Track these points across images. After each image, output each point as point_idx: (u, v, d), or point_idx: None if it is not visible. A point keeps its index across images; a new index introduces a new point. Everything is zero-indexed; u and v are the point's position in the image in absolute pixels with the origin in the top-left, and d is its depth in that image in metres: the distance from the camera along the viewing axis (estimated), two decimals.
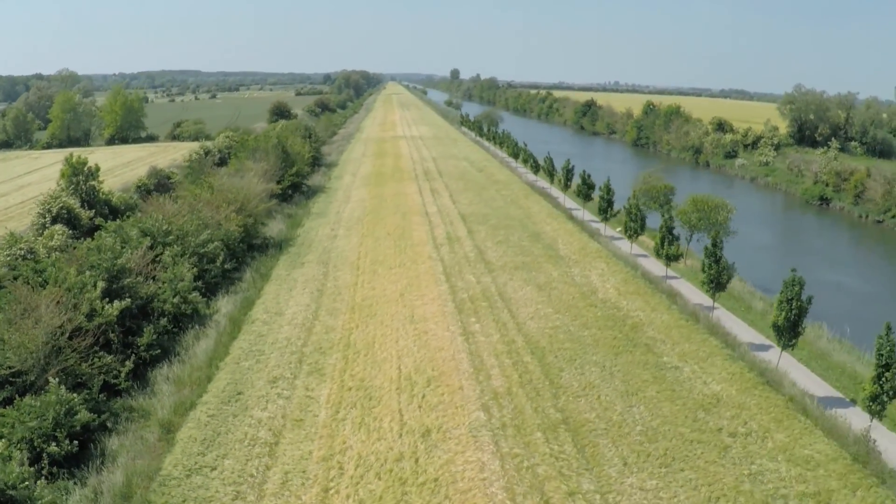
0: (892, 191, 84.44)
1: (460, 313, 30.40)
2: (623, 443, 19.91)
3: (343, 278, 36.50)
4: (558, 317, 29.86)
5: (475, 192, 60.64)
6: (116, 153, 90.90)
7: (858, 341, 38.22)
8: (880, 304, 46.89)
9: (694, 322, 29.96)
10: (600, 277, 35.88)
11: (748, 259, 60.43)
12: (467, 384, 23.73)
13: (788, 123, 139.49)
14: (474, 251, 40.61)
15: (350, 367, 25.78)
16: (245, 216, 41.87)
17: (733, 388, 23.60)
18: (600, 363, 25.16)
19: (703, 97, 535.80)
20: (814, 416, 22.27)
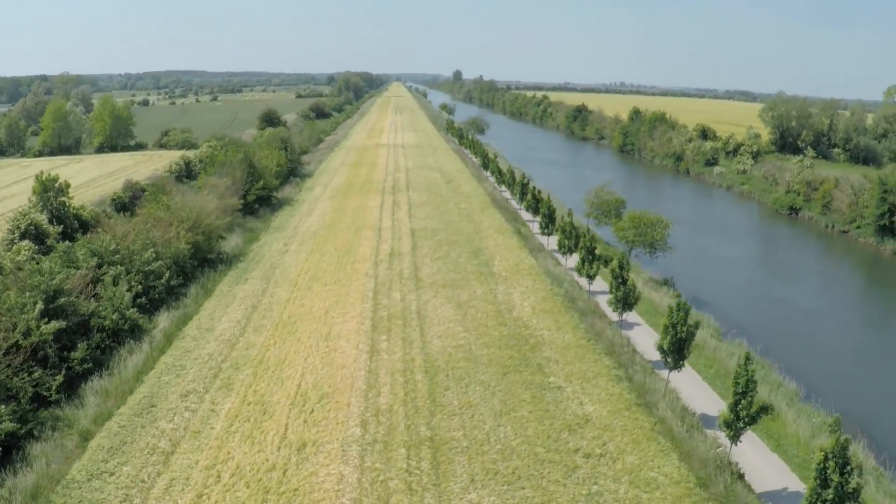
0: (858, 201, 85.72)
1: (374, 331, 32.50)
2: (478, 461, 21.84)
3: (279, 295, 38.70)
4: (465, 335, 31.87)
5: (435, 205, 62.70)
6: (103, 162, 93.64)
7: (779, 358, 40.07)
8: (816, 321, 48.54)
9: (595, 342, 31.82)
10: (521, 295, 37.85)
11: (701, 271, 61.90)
12: (356, 401, 25.84)
13: (770, 130, 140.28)
14: (410, 268, 42.69)
15: (256, 382, 27.93)
16: (196, 234, 44.19)
17: (605, 410, 25.37)
18: (486, 382, 27.14)
19: (707, 98, 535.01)
20: (677, 438, 23.87)
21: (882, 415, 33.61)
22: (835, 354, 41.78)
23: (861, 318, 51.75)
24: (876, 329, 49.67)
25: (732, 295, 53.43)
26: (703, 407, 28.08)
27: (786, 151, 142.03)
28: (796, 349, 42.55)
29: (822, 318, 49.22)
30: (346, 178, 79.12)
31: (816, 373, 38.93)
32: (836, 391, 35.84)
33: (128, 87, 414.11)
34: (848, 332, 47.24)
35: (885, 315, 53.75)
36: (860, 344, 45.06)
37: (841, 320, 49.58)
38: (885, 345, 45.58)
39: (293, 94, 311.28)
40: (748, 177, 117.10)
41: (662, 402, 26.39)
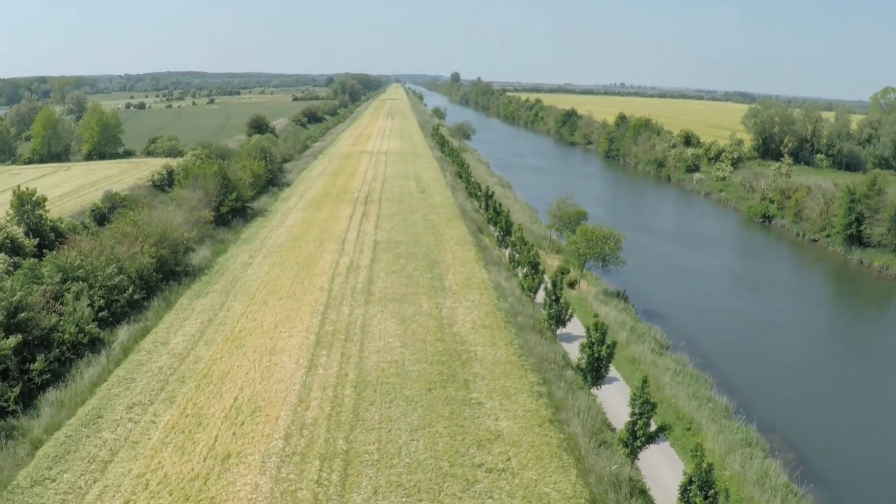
0: (828, 210, 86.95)
1: (316, 346, 34.36)
2: (385, 474, 23.63)
3: (235, 308, 40.56)
4: (401, 351, 33.72)
5: (403, 216, 64.58)
6: (90, 170, 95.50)
7: (720, 372, 41.01)
8: (768, 334, 49.51)
9: (525, 358, 33.50)
10: (465, 310, 39.65)
11: (663, 281, 63.02)
12: (284, 414, 27.70)
13: (753, 137, 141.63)
14: (365, 282, 44.55)
15: (197, 395, 29.78)
16: (161, 248, 46.11)
17: (518, 426, 26.93)
18: (410, 398, 28.95)
19: (705, 100, 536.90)
20: (581, 455, 25.39)
21: (812, 430, 35.10)
22: (779, 369, 42.99)
23: (813, 333, 52.89)
24: (825, 344, 50.93)
25: (689, 306, 54.97)
26: (622, 421, 29.82)
27: (768, 158, 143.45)
28: (742, 363, 43.99)
29: (775, 332, 50.49)
30: (322, 188, 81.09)
31: (757, 387, 40.30)
32: (772, 406, 37.39)
33: (127, 89, 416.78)
34: (797, 347, 48.41)
35: (837, 330, 55.24)
36: (807, 359, 46.14)
37: (793, 334, 50.81)
38: (832, 360, 46.89)
39: (290, 96, 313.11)
40: (726, 184, 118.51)
41: (576, 418, 27.95)
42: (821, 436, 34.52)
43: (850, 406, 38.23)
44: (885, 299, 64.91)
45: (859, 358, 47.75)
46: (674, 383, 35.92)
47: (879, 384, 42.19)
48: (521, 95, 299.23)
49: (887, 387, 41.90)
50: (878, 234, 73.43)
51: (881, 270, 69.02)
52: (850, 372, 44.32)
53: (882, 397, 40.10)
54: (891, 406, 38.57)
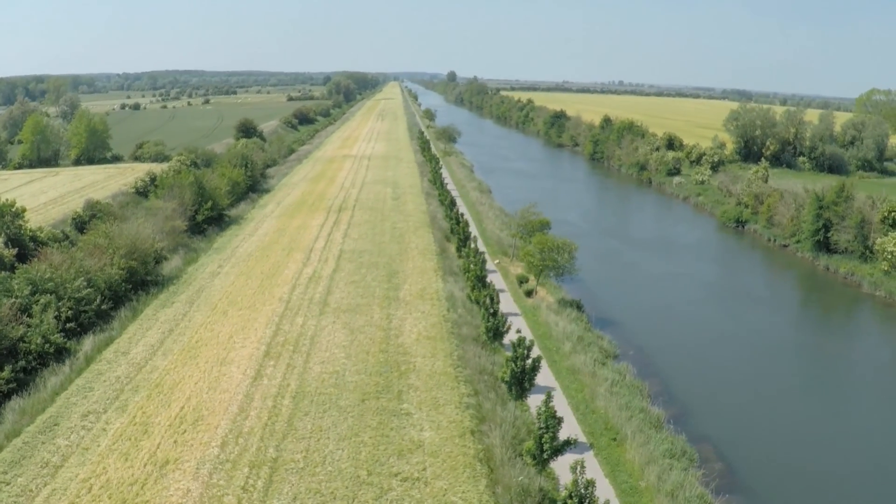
0: (799, 215, 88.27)
1: (266, 357, 36.47)
2: (307, 481, 25.63)
3: (197, 319, 42.69)
4: (344, 362, 35.83)
5: (373, 224, 66.67)
6: (77, 176, 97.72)
7: (664, 381, 42.24)
8: (722, 344, 50.15)
9: (462, 369, 35.47)
10: (414, 321, 41.74)
11: (626, 289, 63.45)
12: (224, 423, 29.84)
13: (735, 140, 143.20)
14: (323, 292, 46.65)
15: (148, 404, 31.91)
16: (131, 259, 48.26)
17: (440, 436, 28.83)
18: (344, 408, 31.03)
19: (702, 98, 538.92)
20: (495, 466, 27.08)
21: (747, 441, 35.90)
22: (726, 379, 43.94)
23: (767, 342, 52.55)
24: (777, 353, 50.42)
25: (648, 315, 55.91)
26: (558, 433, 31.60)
27: (750, 160, 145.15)
28: (690, 372, 44.98)
29: (729, 341, 51.18)
30: (301, 195, 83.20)
31: (700, 397, 41.15)
32: (711, 416, 38.43)
33: (124, 88, 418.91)
34: (749, 356, 48.65)
35: (791, 339, 54.88)
36: (756, 369, 46.51)
37: (747, 343, 51.15)
38: (781, 370, 46.88)
39: (286, 96, 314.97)
40: (705, 187, 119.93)
41: (497, 430, 29.58)
42: (755, 446, 35.45)
43: (791, 417, 39.20)
44: (846, 307, 65.59)
45: (809, 368, 48.64)
46: (608, 394, 37.01)
47: (825, 395, 43.29)
48: (515, 95, 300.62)
49: (832, 398, 42.99)
50: (844, 240, 74.61)
51: (846, 277, 70.00)
52: (798, 382, 45.08)
53: (824, 409, 41.09)
54: (832, 418, 39.61)
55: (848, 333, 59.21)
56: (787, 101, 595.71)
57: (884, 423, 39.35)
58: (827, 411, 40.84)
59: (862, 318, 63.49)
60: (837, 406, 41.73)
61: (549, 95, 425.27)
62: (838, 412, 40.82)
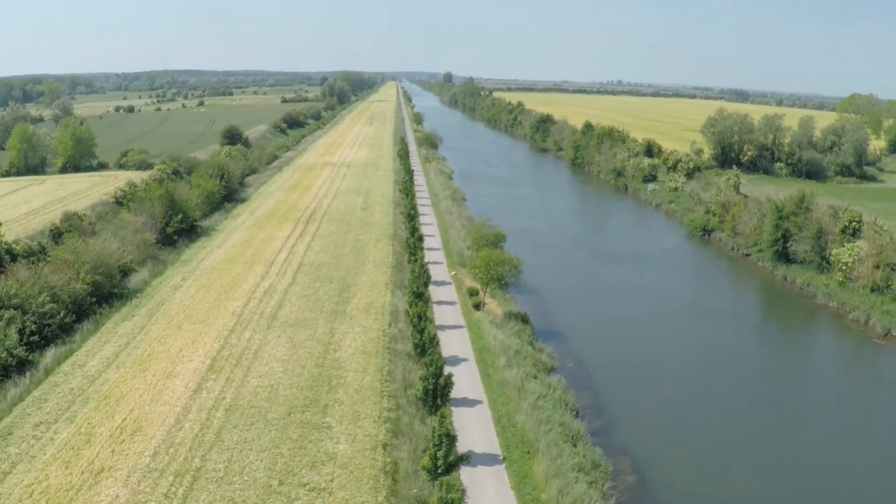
0: (761, 225, 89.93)
1: (209, 371, 39.31)
2: (223, 489, 28.40)
3: (153, 332, 45.54)
4: (280, 376, 38.66)
5: (336, 236, 69.47)
6: (62, 184, 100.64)
7: (596, 394, 43.98)
8: (665, 359, 50.80)
9: (389, 384, 38.21)
10: (354, 336, 44.51)
11: (580, 301, 64.10)
12: (160, 434, 32.68)
13: (711, 146, 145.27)
14: (275, 306, 49.48)
15: (94, 415, 34.76)
16: (96, 274, 51.13)
17: (353, 449, 31.52)
18: (271, 421, 33.83)
19: (698, 99, 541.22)
20: (398, 478, 29.60)
21: (668, 454, 37.20)
22: (661, 392, 44.96)
23: (711, 358, 52.56)
24: (718, 367, 50.57)
25: (597, 327, 56.80)
26: (474, 445, 33.96)
27: (727, 167, 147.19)
28: (626, 384, 46.07)
29: (672, 354, 51.86)
30: (274, 205, 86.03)
31: (630, 410, 42.21)
32: (637, 429, 39.60)
33: (122, 89, 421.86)
34: (689, 370, 49.37)
35: (735, 352, 54.22)
36: (694, 382, 47.23)
37: (691, 358, 51.81)
38: (719, 384, 47.20)
39: (280, 97, 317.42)
40: (678, 195, 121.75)
41: (409, 444, 32.15)
42: (676, 462, 36.45)
43: (720, 434, 39.90)
44: (796, 319, 65.55)
45: (749, 384, 48.29)
46: (531, 408, 38.32)
47: (761, 412, 43.62)
48: (508, 97, 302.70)
49: (768, 415, 43.27)
50: (802, 251, 75.76)
51: (802, 287, 70.82)
52: (736, 399, 45.27)
53: (758, 426, 41.45)
54: (764, 437, 39.98)
55: (792, 348, 58.80)
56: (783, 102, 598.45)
57: (816, 442, 39.87)
58: (760, 429, 41.00)
59: (809, 332, 63.51)
60: (772, 424, 41.90)
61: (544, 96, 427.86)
62: (772, 431, 40.93)
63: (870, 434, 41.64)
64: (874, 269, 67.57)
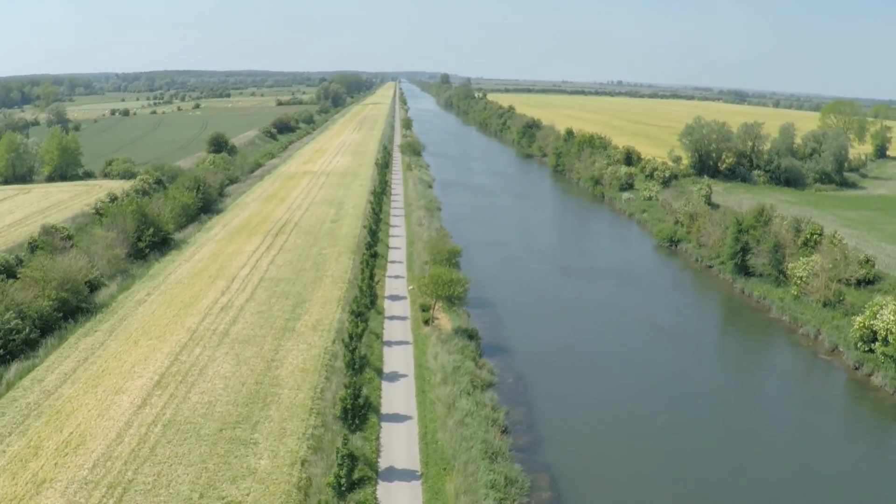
0: (724, 237, 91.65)
1: (155, 387, 42.23)
2: (147, 501, 31.09)
3: (111, 348, 48.48)
4: (221, 392, 41.52)
5: (301, 250, 72.37)
6: (47, 193, 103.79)
7: (530, 411, 45.25)
8: (604, 374, 51.71)
9: (319, 402, 40.78)
10: (297, 353, 47.32)
11: (533, 318, 63.95)
12: (100, 448, 35.60)
13: (689, 154, 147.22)
14: (229, 322, 52.36)
15: (45, 429, 37.69)
16: (62, 291, 54.13)
17: (273, 464, 34.22)
18: (203, 436, 36.64)
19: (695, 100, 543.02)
20: (311, 493, 32.13)
21: (588, 472, 38.71)
22: (594, 409, 46.01)
23: (654, 375, 52.58)
24: (658, 388, 50.55)
25: (544, 343, 57.36)
26: (396, 461, 36.68)
27: (704, 175, 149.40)
28: (561, 401, 47.22)
29: (616, 373, 52.21)
30: (248, 216, 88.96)
31: (560, 426, 43.38)
32: (563, 446, 41.05)
33: (121, 90, 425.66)
34: (629, 390, 49.90)
35: (679, 373, 53.99)
36: (632, 402, 47.86)
37: (633, 376, 52.09)
38: (655, 407, 47.47)
39: (275, 100, 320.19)
40: (651, 204, 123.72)
41: (326, 460, 34.56)
42: (596, 479, 37.96)
43: (648, 453, 40.91)
44: (749, 334, 65.40)
45: (686, 403, 48.79)
46: (458, 425, 40.11)
47: (693, 431, 44.20)
48: (501, 99, 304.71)
49: (698, 435, 43.76)
50: (760, 264, 77.08)
51: (759, 301, 71.43)
52: (670, 417, 46.04)
53: (685, 445, 42.27)
54: (691, 456, 40.95)
55: (738, 366, 58.72)
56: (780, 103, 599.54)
57: (750, 466, 40.52)
58: (689, 451, 41.80)
59: (758, 348, 63.14)
60: (703, 446, 42.62)
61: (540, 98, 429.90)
62: (702, 453, 41.73)
63: (808, 456, 42.24)
64: (827, 283, 68.69)
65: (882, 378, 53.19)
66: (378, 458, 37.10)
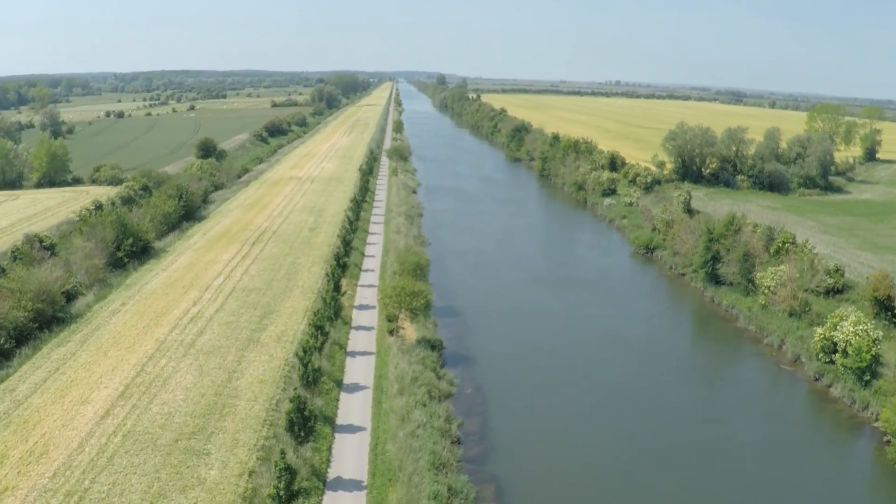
0: (697, 245, 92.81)
1: (120, 398, 44.13)
2: None
3: (82, 358, 50.37)
4: (181, 403, 43.38)
5: (276, 259, 74.25)
6: (35, 200, 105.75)
7: (484, 421, 46.39)
8: (562, 386, 52.08)
9: (274, 413, 42.58)
10: (259, 364, 49.14)
11: (502, 328, 64.90)
12: (62, 457, 37.51)
13: (673, 159, 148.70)
14: (196, 333, 54.23)
15: (11, 438, 39.49)
16: (39, 301, 56.03)
17: (222, 474, 36.09)
18: (159, 447, 38.44)
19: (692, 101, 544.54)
20: (251, 501, 34.34)
21: (536, 484, 39.76)
22: (549, 422, 46.81)
23: (613, 387, 53.09)
24: (615, 401, 51.11)
25: (508, 353, 58.24)
26: (345, 471, 38.49)
27: (688, 180, 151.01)
28: (517, 413, 48.15)
29: (575, 384, 53.06)
30: (229, 224, 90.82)
31: (512, 438, 44.31)
32: (513, 457, 42.07)
33: (118, 90, 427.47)
34: (587, 401, 50.61)
35: (639, 387, 54.09)
36: (588, 413, 48.73)
37: (592, 387, 52.83)
38: (610, 420, 48.13)
39: (270, 101, 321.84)
40: (632, 210, 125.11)
41: (273, 470, 35.80)
42: (543, 490, 38.90)
43: (600, 465, 41.90)
44: (715, 345, 65.92)
45: (643, 415, 49.16)
46: (409, 437, 41.55)
47: (646, 444, 44.79)
48: (495, 100, 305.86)
49: (651, 447, 44.36)
50: (730, 273, 77.77)
51: (727, 310, 72.21)
52: (625, 429, 46.62)
53: (634, 458, 42.95)
54: (638, 467, 41.83)
55: (700, 377, 59.05)
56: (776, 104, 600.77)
57: (700, 479, 41.53)
58: (637, 462, 42.52)
59: (721, 358, 63.69)
60: (654, 457, 43.32)
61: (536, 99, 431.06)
62: (651, 464, 42.46)
63: (764, 471, 43.05)
64: (794, 292, 69.47)
65: (840, 390, 54.23)
66: (328, 469, 39.04)
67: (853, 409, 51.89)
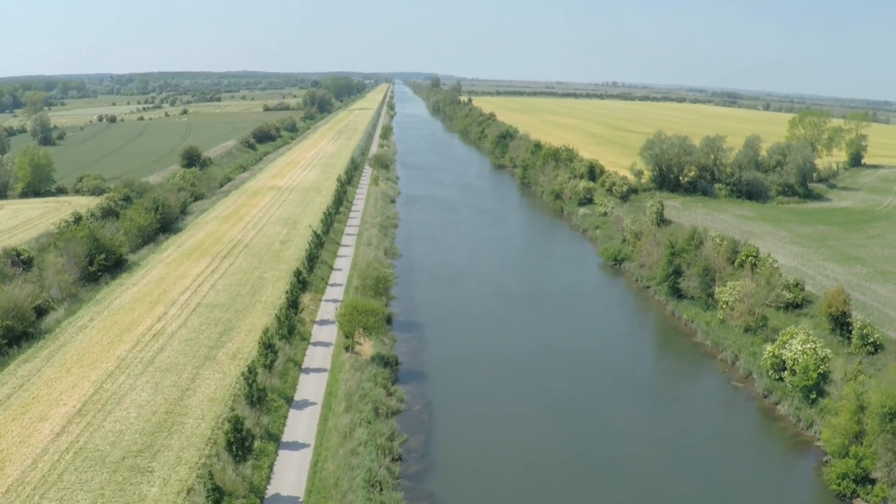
0: (661, 258, 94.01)
1: (75, 415, 46.61)
2: None
3: (45, 375, 52.84)
4: (133, 421, 45.85)
5: (244, 274, 76.64)
6: (18, 211, 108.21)
7: (430, 438, 47.98)
8: (515, 403, 53.09)
9: (219, 431, 44.77)
10: (212, 382, 51.55)
11: (461, 344, 65.21)
12: (16, 473, 39.88)
13: (650, 168, 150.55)
14: (156, 350, 56.65)
15: None
16: (7, 318, 58.47)
17: (162, 492, 38.48)
18: (107, 464, 40.87)
19: (687, 102, 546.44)
20: None
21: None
22: (496, 440, 48.18)
23: (561, 411, 53.28)
24: (564, 420, 51.77)
25: (463, 370, 59.44)
26: (283, 488, 40.64)
27: (665, 188, 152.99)
28: (464, 430, 49.33)
29: (525, 406, 53.60)
30: (203, 237, 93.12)
31: (455, 455, 45.60)
32: (457, 476, 43.33)
33: (114, 92, 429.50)
34: (534, 419, 51.53)
35: (588, 406, 54.73)
36: (535, 431, 49.66)
37: (541, 406, 53.63)
38: (555, 443, 48.58)
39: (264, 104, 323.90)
40: (605, 220, 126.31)
41: (231, 482, 38.95)
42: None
43: (539, 485, 42.98)
44: (671, 361, 66.83)
45: (588, 435, 49.95)
46: (348, 454, 43.42)
47: (595, 465, 46.04)
48: (486, 103, 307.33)
49: (599, 468, 45.44)
50: (691, 287, 79.21)
51: (687, 324, 73.34)
52: (569, 449, 47.43)
53: (584, 480, 44.03)
54: (578, 487, 43.10)
55: (650, 393, 59.37)
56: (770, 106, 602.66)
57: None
58: (593, 485, 43.63)
59: (674, 374, 64.41)
60: (607, 480, 44.37)
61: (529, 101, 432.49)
62: (605, 487, 43.52)
63: (708, 492, 44.25)
64: (751, 307, 70.61)
65: (787, 407, 55.17)
66: (267, 486, 41.39)
67: (798, 427, 52.77)
